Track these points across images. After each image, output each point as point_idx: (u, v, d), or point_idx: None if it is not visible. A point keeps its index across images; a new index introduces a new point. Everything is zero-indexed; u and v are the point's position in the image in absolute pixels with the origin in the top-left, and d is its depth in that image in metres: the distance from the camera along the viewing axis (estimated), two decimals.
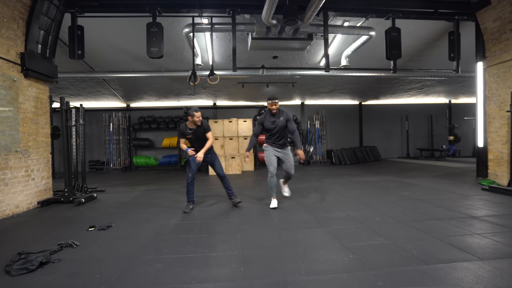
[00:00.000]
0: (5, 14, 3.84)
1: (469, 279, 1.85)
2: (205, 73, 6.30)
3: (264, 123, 3.89)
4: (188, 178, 3.88)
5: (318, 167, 9.53)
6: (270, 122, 3.84)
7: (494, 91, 5.36)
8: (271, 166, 3.86)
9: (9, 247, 2.61)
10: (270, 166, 3.87)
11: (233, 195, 4.05)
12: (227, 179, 4.04)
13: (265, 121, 3.89)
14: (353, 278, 1.90)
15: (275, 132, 3.84)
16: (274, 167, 3.87)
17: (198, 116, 3.78)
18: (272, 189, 3.97)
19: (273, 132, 3.85)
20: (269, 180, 3.93)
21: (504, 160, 5.14)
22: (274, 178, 3.91)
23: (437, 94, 11.54)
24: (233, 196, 4.04)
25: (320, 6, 4.27)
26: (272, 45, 5.60)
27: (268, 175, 3.91)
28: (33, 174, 4.32)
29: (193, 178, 3.90)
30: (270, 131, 3.87)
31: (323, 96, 10.96)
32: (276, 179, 3.94)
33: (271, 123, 3.84)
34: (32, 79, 4.34)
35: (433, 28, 6.45)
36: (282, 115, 3.84)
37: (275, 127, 3.82)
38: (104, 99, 10.09)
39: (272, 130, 3.85)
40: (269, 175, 3.90)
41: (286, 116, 3.86)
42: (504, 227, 2.87)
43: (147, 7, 4.96)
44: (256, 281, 1.90)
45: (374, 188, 5.22)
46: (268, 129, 3.87)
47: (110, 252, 2.48)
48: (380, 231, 2.84)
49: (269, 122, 3.85)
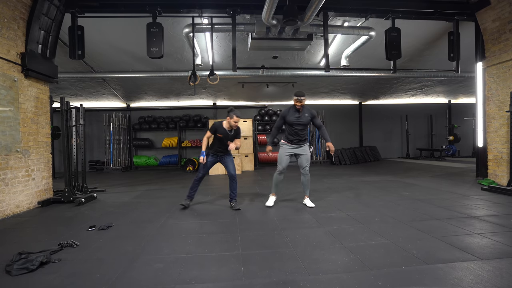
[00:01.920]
0: (5, 14, 3.84)
1: (468, 279, 1.86)
2: (205, 73, 6.30)
3: (287, 118, 3.84)
4: (198, 176, 3.96)
5: (318, 167, 9.53)
6: (295, 117, 3.79)
7: (493, 91, 5.37)
8: (281, 165, 3.88)
9: (9, 247, 2.62)
10: (280, 164, 3.89)
11: (235, 199, 4.02)
12: (236, 181, 4.03)
13: (288, 116, 3.83)
14: (353, 278, 1.91)
15: (298, 128, 3.81)
16: (283, 166, 3.88)
17: (237, 121, 3.80)
18: (275, 186, 4.01)
19: (296, 128, 3.81)
20: (275, 177, 3.96)
21: (503, 160, 5.15)
22: (280, 176, 3.93)
23: (437, 94, 11.55)
24: (234, 200, 4.01)
25: (320, 6, 4.28)
26: (272, 45, 5.60)
27: (276, 171, 3.93)
28: (34, 174, 4.32)
29: (202, 177, 3.97)
30: (292, 126, 3.82)
31: (323, 96, 10.96)
32: (282, 177, 3.95)
33: (295, 118, 3.79)
34: (33, 79, 4.34)
35: (432, 28, 6.45)
36: (307, 112, 3.81)
37: (299, 123, 3.79)
38: (104, 99, 10.09)
39: (295, 126, 3.81)
40: (276, 171, 3.93)
41: (312, 113, 3.84)
42: (504, 227, 2.88)
43: (147, 7, 4.96)
44: (256, 281, 1.91)
45: (374, 188, 5.22)
46: (291, 123, 3.82)
47: (110, 252, 2.49)
48: (380, 231, 2.85)
49: (293, 117, 3.80)
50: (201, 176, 3.96)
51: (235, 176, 4.01)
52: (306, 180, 3.94)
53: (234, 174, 4.00)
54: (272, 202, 3.96)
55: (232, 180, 4.00)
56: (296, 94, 3.75)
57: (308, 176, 3.94)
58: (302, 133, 3.85)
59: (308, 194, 4.04)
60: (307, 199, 4.02)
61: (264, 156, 9.95)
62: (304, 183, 3.97)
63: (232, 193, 4.02)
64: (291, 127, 3.85)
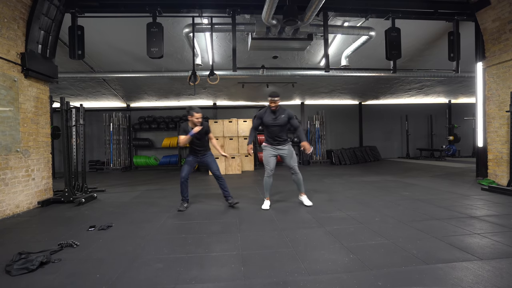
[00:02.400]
0: (5, 14, 3.84)
1: (468, 279, 1.86)
2: (205, 73, 6.30)
3: (264, 119, 3.84)
4: (181, 177, 3.91)
5: (318, 167, 9.53)
6: (271, 119, 3.80)
7: (493, 91, 5.37)
8: (268, 166, 3.86)
9: (9, 247, 2.62)
10: (267, 166, 3.87)
11: (230, 196, 4.03)
12: (223, 179, 4.03)
13: (264, 117, 3.83)
14: (353, 278, 1.91)
15: (275, 130, 3.81)
16: (271, 168, 3.86)
17: (198, 117, 3.77)
18: (267, 190, 3.97)
19: (273, 129, 3.81)
20: (265, 180, 3.92)
21: (503, 160, 5.15)
22: (270, 179, 3.91)
23: (437, 94, 11.55)
24: (230, 197, 4.03)
25: (320, 6, 4.27)
26: (272, 45, 5.60)
27: (265, 174, 3.91)
28: (34, 174, 4.32)
29: (186, 178, 3.93)
30: (269, 128, 3.82)
31: (323, 96, 10.96)
32: (272, 180, 3.93)
33: (271, 120, 3.79)
34: (33, 79, 4.35)
35: (433, 28, 6.45)
36: (283, 113, 3.80)
37: (275, 124, 3.78)
38: (104, 99, 10.09)
39: (272, 127, 3.80)
40: (265, 174, 3.90)
41: (288, 113, 3.82)
42: (504, 227, 2.88)
43: (147, 7, 4.96)
44: (256, 281, 1.91)
45: (374, 188, 5.22)
46: (267, 125, 3.82)
47: (110, 252, 2.49)
48: (380, 231, 2.85)
49: (269, 118, 3.80)
50: (184, 176, 3.90)
51: (221, 175, 4.00)
52: (297, 178, 3.92)
53: (219, 173, 3.98)
54: (267, 206, 3.91)
55: (219, 180, 3.99)
56: (270, 95, 3.74)
57: (299, 174, 3.91)
58: (280, 133, 3.83)
59: (303, 191, 4.04)
60: (303, 196, 4.02)
61: None
62: (296, 181, 3.96)
63: (225, 191, 4.02)
64: (268, 129, 3.84)
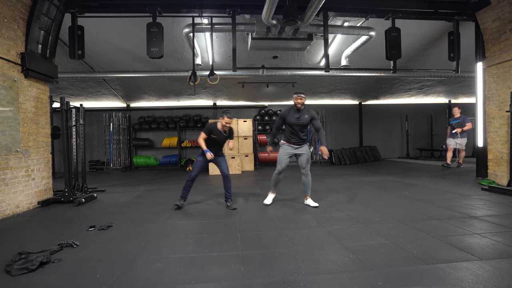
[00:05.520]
0: (5, 14, 3.84)
1: (468, 279, 1.86)
2: (205, 73, 6.30)
3: (287, 118, 3.85)
4: (190, 176, 3.97)
5: (318, 167, 9.53)
6: (295, 118, 3.80)
7: (493, 91, 5.36)
8: (280, 165, 3.92)
9: (9, 247, 2.62)
10: (279, 164, 3.92)
11: (230, 198, 4.05)
12: (229, 180, 4.06)
13: (288, 116, 3.85)
14: (353, 278, 1.91)
15: (297, 129, 3.82)
16: (282, 167, 3.91)
17: (228, 122, 3.81)
18: (274, 185, 4.07)
19: (295, 129, 3.82)
20: (274, 176, 4.01)
21: (503, 160, 5.14)
22: (279, 176, 3.97)
23: (437, 94, 11.55)
24: (230, 199, 4.04)
25: (320, 6, 4.28)
26: (272, 45, 5.60)
27: (275, 171, 3.97)
28: (33, 174, 4.32)
29: (195, 177, 3.99)
30: (292, 127, 3.83)
31: (323, 96, 10.96)
32: (281, 177, 3.99)
33: (295, 119, 3.80)
34: (33, 79, 4.34)
35: (433, 28, 6.45)
36: (307, 113, 3.81)
37: (298, 124, 3.79)
38: (104, 99, 10.09)
39: (294, 126, 3.81)
40: (275, 171, 3.96)
41: (311, 114, 3.83)
42: (504, 227, 2.88)
43: (147, 7, 4.96)
44: (256, 281, 1.91)
45: (374, 188, 5.22)
46: (290, 124, 3.83)
47: (110, 252, 2.49)
48: (380, 231, 2.85)
49: (293, 118, 3.81)
50: (194, 176, 3.97)
51: (229, 175, 4.05)
52: (307, 180, 3.94)
53: (228, 173, 4.03)
54: (270, 200, 4.01)
55: (226, 179, 4.03)
56: (296, 92, 3.82)
57: (309, 176, 3.94)
58: (301, 133, 3.86)
59: (309, 194, 4.03)
60: (309, 199, 4.01)
61: (264, 156, 9.96)
62: (305, 183, 3.97)
63: (228, 192, 4.03)
64: (291, 128, 3.86)
